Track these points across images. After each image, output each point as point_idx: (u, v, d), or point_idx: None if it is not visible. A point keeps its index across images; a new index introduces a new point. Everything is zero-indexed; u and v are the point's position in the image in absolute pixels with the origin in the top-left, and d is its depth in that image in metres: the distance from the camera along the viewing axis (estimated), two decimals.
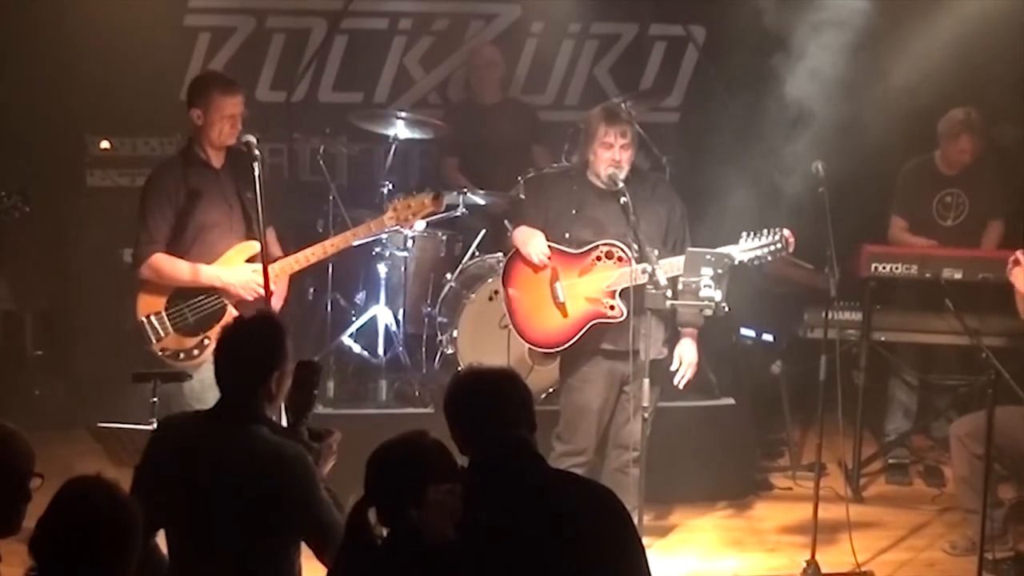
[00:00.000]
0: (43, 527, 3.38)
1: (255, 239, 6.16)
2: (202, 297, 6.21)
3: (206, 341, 6.16)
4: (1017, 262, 6.69)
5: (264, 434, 4.25)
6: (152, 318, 6.17)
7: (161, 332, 6.18)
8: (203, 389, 5.83)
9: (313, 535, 4.26)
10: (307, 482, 4.22)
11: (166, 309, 6.21)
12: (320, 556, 4.28)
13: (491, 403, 3.91)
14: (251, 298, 6.13)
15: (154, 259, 6.16)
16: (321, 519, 4.23)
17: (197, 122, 6.20)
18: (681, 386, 6.63)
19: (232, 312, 6.17)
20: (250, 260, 6.22)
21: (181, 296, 6.22)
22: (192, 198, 6.19)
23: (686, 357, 6.54)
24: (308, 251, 6.34)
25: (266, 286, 5.86)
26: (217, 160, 6.26)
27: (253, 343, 4.34)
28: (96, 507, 3.40)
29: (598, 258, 6.44)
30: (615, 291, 6.39)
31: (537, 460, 3.91)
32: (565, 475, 4.18)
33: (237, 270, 6.20)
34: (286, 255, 6.39)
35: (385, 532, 3.77)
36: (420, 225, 7.35)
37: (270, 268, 5.95)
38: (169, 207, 6.18)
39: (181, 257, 6.18)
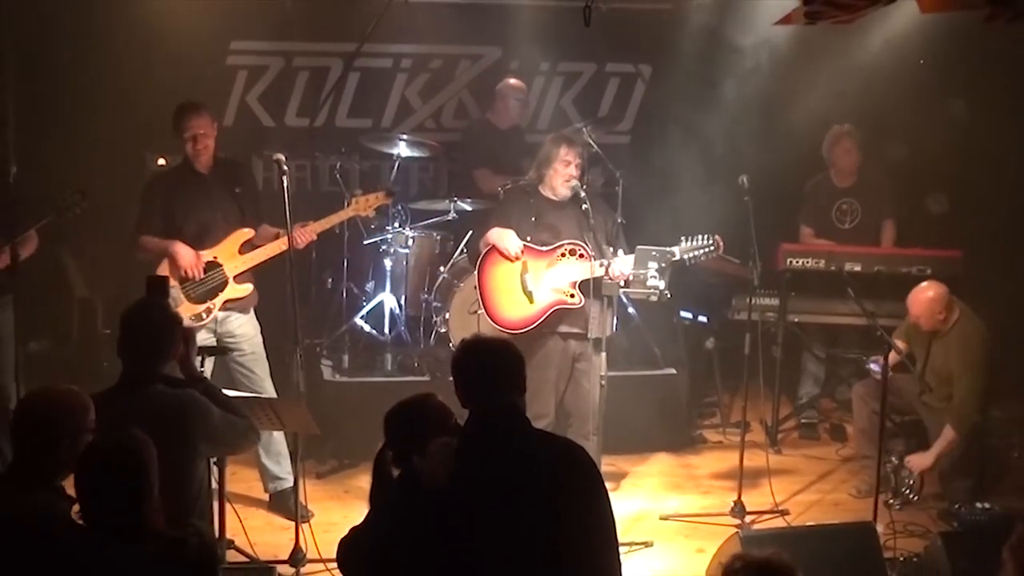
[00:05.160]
0: (77, 475, 3.52)
1: (250, 227, 6.38)
2: (208, 273, 6.28)
3: (211, 307, 6.30)
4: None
5: (162, 390, 4.35)
6: (172, 290, 6.13)
7: (176, 302, 6.17)
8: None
9: (220, 445, 4.55)
10: (203, 418, 4.36)
11: (180, 283, 6.28)
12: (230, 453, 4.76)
13: (488, 367, 3.89)
14: (189, 273, 6.24)
15: (140, 240, 6.37)
16: (218, 433, 4.42)
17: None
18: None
19: (233, 285, 6.31)
20: (244, 244, 6.35)
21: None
22: (178, 199, 6.36)
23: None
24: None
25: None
26: (205, 168, 6.40)
27: (153, 332, 4.48)
28: (116, 459, 3.51)
29: (563, 254, 6.41)
30: (576, 282, 6.36)
31: (522, 420, 3.89)
32: (544, 433, 4.16)
33: (186, 250, 6.26)
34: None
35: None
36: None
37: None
38: (153, 205, 6.40)
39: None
